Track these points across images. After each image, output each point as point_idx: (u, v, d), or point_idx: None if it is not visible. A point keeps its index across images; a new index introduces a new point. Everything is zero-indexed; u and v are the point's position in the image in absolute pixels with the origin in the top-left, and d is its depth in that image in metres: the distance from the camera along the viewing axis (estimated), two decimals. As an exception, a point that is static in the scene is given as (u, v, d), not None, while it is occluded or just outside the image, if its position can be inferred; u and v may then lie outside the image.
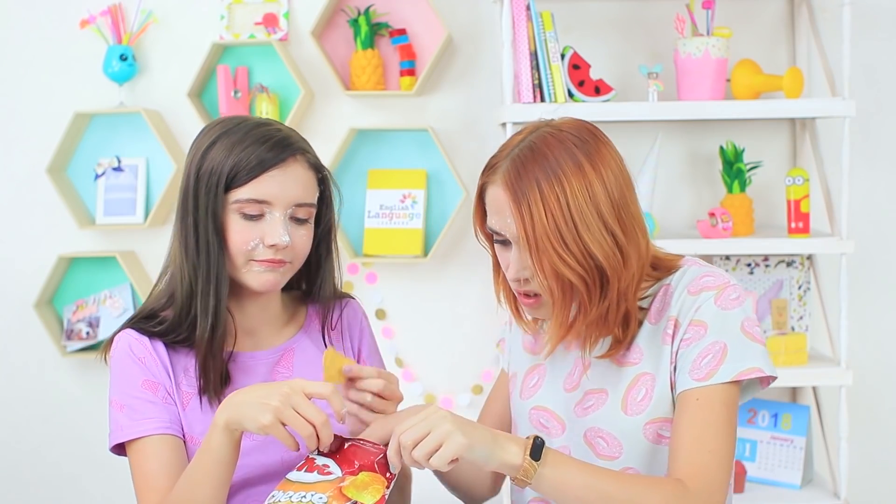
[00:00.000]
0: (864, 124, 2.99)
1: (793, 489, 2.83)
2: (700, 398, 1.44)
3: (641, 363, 1.51)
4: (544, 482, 1.37)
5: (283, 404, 1.35)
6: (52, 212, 3.11)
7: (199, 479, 1.43)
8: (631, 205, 1.47)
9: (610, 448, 1.51)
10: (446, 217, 3.07)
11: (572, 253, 1.42)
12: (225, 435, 1.41)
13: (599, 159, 1.46)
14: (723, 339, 1.45)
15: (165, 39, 3.11)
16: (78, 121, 3.04)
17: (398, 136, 3.08)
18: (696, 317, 1.47)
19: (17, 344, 3.17)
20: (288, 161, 1.54)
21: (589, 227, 1.42)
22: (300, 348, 1.67)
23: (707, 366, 1.44)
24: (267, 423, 1.35)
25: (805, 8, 2.96)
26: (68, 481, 3.18)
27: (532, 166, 1.45)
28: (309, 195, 1.57)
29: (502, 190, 1.46)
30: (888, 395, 3.07)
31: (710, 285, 1.48)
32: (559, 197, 1.42)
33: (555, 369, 1.61)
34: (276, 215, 1.53)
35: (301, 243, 1.57)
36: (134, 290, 3.10)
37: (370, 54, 2.98)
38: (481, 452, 1.35)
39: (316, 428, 1.36)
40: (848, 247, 2.68)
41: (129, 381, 1.58)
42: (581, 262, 1.43)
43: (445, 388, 3.10)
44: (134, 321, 1.61)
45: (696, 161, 3.04)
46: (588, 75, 2.75)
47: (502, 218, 1.48)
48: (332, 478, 1.37)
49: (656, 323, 1.52)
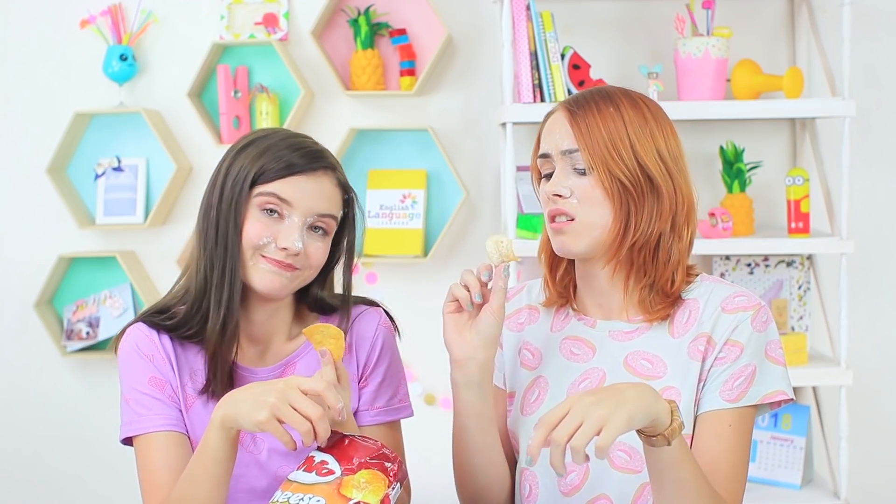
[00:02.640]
0: (864, 124, 2.99)
1: (793, 489, 2.82)
2: (733, 424, 1.46)
3: (666, 377, 1.50)
4: (675, 450, 1.32)
5: (279, 400, 1.35)
6: (52, 212, 3.11)
7: (198, 477, 1.43)
8: (684, 164, 1.52)
9: (632, 461, 1.49)
10: (446, 217, 3.07)
11: (624, 161, 1.46)
12: (221, 433, 1.41)
13: (657, 110, 1.53)
14: (754, 361, 1.48)
15: (165, 39, 3.11)
16: (78, 121, 3.04)
17: (398, 136, 3.08)
18: (734, 337, 1.48)
19: (18, 344, 3.16)
20: (318, 172, 1.56)
21: (644, 147, 1.48)
22: (304, 363, 1.64)
23: (739, 388, 1.47)
24: (263, 420, 1.35)
25: (805, 8, 2.96)
26: (68, 481, 3.18)
27: (592, 94, 1.53)
28: (332, 209, 1.57)
29: (558, 112, 1.53)
30: (888, 395, 3.07)
31: (747, 305, 1.50)
32: (614, 117, 1.49)
33: (557, 381, 1.58)
34: (295, 220, 1.54)
35: (315, 254, 1.56)
36: (134, 290, 3.10)
37: (370, 54, 2.98)
38: (645, 415, 1.27)
39: (313, 422, 1.35)
40: (848, 247, 2.68)
41: (137, 376, 1.58)
42: (633, 170, 1.47)
43: (445, 388, 3.10)
44: (146, 314, 1.61)
45: (696, 161, 3.04)
46: (588, 75, 2.75)
47: (550, 137, 1.51)
48: (331, 478, 1.36)
49: (680, 337, 1.51)
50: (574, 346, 1.58)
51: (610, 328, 1.56)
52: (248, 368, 1.61)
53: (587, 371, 1.55)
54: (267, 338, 1.64)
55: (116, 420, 3.41)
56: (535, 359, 1.62)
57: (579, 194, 1.48)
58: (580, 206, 1.48)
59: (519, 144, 2.74)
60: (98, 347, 3.12)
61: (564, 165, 1.50)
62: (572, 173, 1.50)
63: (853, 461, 2.81)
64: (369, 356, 1.68)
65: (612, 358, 1.54)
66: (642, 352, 1.53)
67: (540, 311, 1.65)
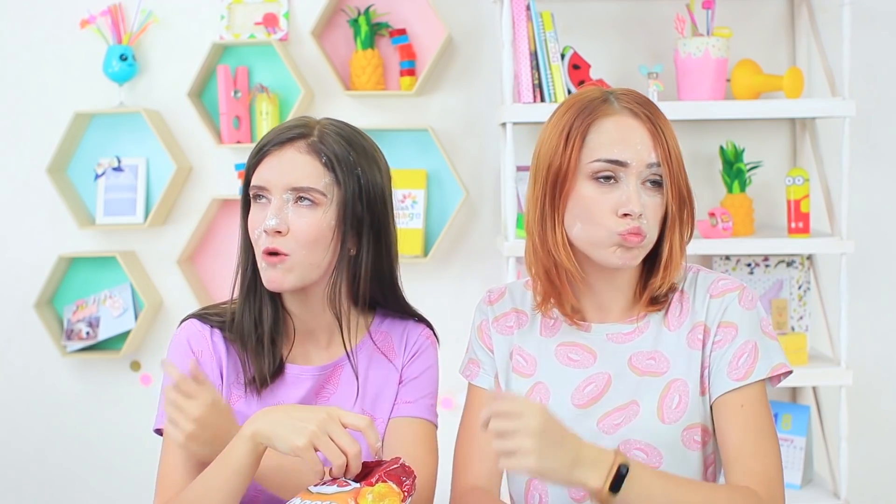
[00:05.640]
0: (864, 124, 2.99)
1: (793, 489, 2.82)
2: (745, 404, 1.47)
3: (670, 370, 1.50)
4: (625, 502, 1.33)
5: (319, 430, 1.34)
6: (52, 212, 3.11)
7: (214, 485, 1.41)
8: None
9: (650, 458, 1.49)
10: (446, 217, 3.07)
11: (683, 177, 1.50)
12: (249, 446, 1.39)
13: None
14: (753, 338, 1.49)
15: (165, 39, 3.11)
16: (78, 121, 3.03)
17: (398, 136, 3.08)
18: (725, 319, 1.49)
19: (17, 344, 3.16)
20: (285, 145, 1.53)
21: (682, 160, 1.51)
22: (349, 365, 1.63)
23: (745, 365, 1.47)
24: (301, 446, 1.34)
25: (805, 8, 2.96)
26: (68, 481, 3.18)
27: (646, 101, 1.52)
28: (306, 179, 1.52)
29: (630, 118, 1.48)
30: (888, 395, 3.07)
31: (731, 287, 1.52)
32: (671, 129, 1.51)
33: (559, 387, 1.55)
34: (273, 200, 1.53)
35: (300, 229, 1.51)
36: (134, 290, 3.10)
37: (370, 54, 2.98)
38: (552, 479, 1.32)
39: (348, 458, 1.35)
40: (848, 247, 2.68)
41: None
42: (686, 185, 1.50)
43: (445, 388, 3.09)
44: (201, 309, 1.64)
45: (696, 161, 3.04)
46: (588, 75, 2.75)
47: (629, 146, 1.46)
48: (349, 489, 1.36)
49: (676, 330, 1.52)
50: (571, 351, 1.56)
51: (607, 331, 1.55)
52: (298, 367, 1.60)
53: (591, 377, 1.54)
54: (313, 335, 1.62)
55: (116, 420, 3.42)
56: (530, 365, 1.59)
57: (649, 212, 1.47)
58: (649, 225, 1.47)
59: (519, 144, 2.74)
60: (98, 347, 3.12)
61: (640, 180, 1.47)
62: (640, 188, 1.47)
63: (853, 461, 2.81)
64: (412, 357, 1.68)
65: (615, 361, 1.53)
66: (644, 351, 1.52)
67: (528, 316, 1.62)
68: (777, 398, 3.01)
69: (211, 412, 1.42)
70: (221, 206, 3.10)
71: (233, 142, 3.01)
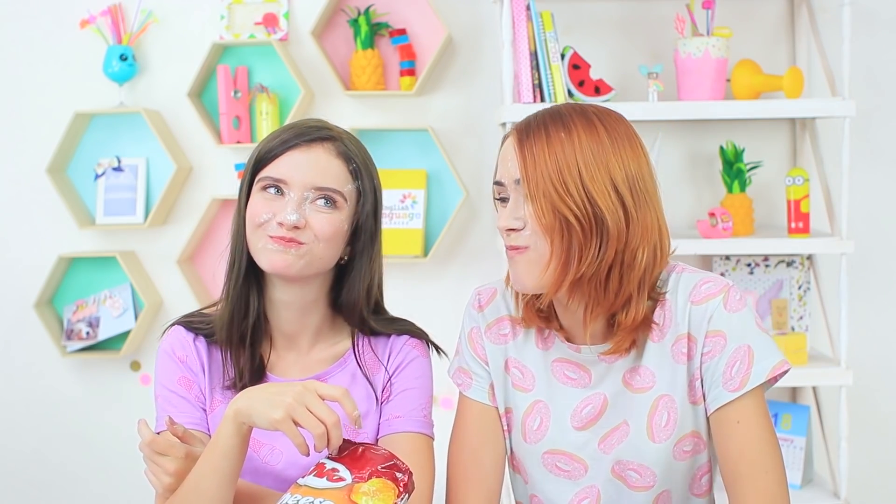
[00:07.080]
0: (864, 124, 2.99)
1: (793, 489, 2.82)
2: (741, 420, 1.41)
3: (656, 386, 1.46)
4: None
5: (295, 401, 1.35)
6: (52, 212, 3.12)
7: (205, 471, 1.43)
8: (648, 184, 1.42)
9: (643, 478, 1.47)
10: (446, 217, 3.07)
11: (571, 196, 1.38)
12: (232, 427, 1.40)
13: (615, 129, 1.43)
14: (745, 342, 1.42)
15: (165, 39, 3.11)
16: (78, 121, 3.04)
17: (398, 136, 3.08)
18: (711, 327, 1.43)
19: (18, 344, 3.17)
20: (313, 144, 1.55)
21: (593, 179, 1.38)
22: (333, 381, 1.62)
23: (739, 373, 1.41)
24: (278, 419, 1.35)
25: (805, 8, 2.96)
26: (68, 481, 3.18)
27: (544, 117, 1.44)
28: (330, 181, 1.54)
29: (511, 138, 1.46)
30: (888, 395, 3.07)
31: (714, 292, 1.44)
32: (565, 144, 1.40)
33: (558, 407, 1.53)
34: (292, 195, 1.53)
35: (319, 225, 1.53)
36: (134, 290, 3.10)
37: (370, 54, 2.98)
38: None
39: (327, 427, 1.35)
40: (848, 247, 2.68)
41: (168, 376, 1.62)
42: (581, 206, 1.38)
43: (445, 388, 3.09)
44: (185, 317, 1.66)
45: (696, 161, 3.04)
46: (588, 75, 2.75)
47: (504, 165, 1.46)
48: (342, 485, 1.36)
49: (660, 340, 1.47)
50: (567, 369, 1.53)
51: (598, 349, 1.50)
52: (279, 378, 1.61)
53: (588, 397, 1.51)
54: (298, 342, 1.63)
55: (116, 420, 3.42)
56: (528, 380, 1.56)
57: (531, 225, 1.42)
58: (532, 237, 1.42)
59: (519, 144, 2.74)
60: (98, 347, 3.12)
61: (517, 196, 1.44)
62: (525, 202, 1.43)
63: (853, 461, 2.81)
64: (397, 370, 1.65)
65: (611, 379, 1.50)
66: (636, 366, 1.48)
67: (522, 325, 1.58)
68: (777, 398, 3.01)
69: (186, 465, 1.47)
70: (221, 206, 3.11)
71: (233, 142, 3.01)
